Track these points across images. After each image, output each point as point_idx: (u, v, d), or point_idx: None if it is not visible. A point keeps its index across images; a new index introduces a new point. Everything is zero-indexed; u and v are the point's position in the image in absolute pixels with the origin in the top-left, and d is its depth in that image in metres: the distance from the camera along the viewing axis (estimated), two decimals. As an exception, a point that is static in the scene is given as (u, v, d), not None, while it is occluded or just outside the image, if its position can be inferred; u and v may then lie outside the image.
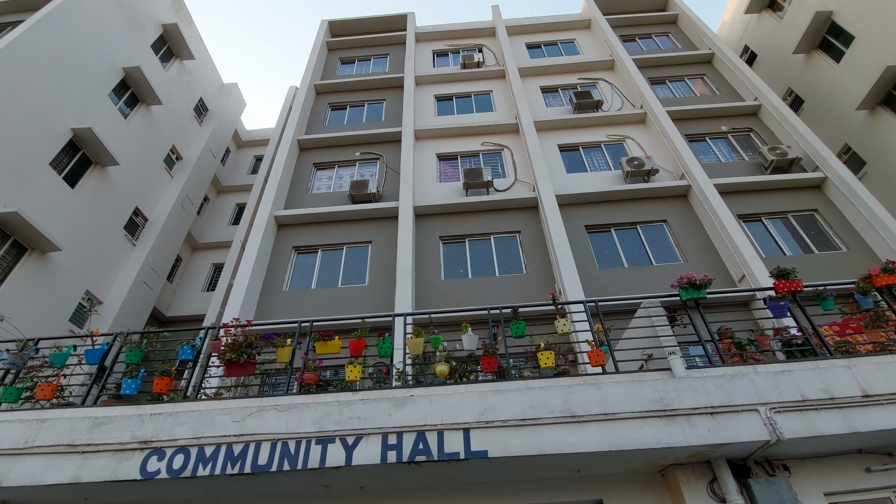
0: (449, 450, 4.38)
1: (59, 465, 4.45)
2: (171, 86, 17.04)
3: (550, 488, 4.93)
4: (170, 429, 4.56)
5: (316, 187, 12.66)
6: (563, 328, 5.67)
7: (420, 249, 10.63)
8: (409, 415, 4.59)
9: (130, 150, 14.62)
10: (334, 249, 11.05)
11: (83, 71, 13.32)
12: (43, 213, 11.38)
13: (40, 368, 6.20)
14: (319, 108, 15.02)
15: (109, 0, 14.72)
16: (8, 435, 4.68)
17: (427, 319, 6.60)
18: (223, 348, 5.60)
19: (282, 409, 4.68)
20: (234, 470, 4.36)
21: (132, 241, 14.47)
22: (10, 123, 11.03)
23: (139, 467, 4.37)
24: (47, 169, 11.86)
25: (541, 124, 12.94)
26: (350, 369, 5.37)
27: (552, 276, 9.89)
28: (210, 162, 18.59)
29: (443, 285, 10.04)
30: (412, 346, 5.64)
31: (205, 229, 18.20)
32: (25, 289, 10.89)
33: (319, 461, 4.36)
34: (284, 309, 9.83)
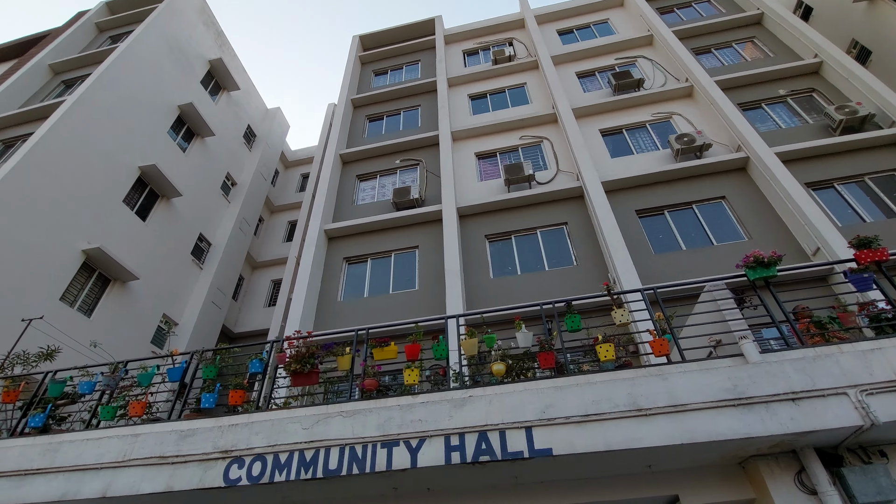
0: (512, 449, 4.35)
1: (154, 476, 4.84)
2: (221, 117, 18.15)
3: (621, 485, 4.77)
4: (247, 438, 4.84)
5: (361, 198, 13.01)
6: (620, 319, 5.48)
7: (467, 250, 10.65)
8: (470, 415, 4.61)
9: (191, 180, 15.70)
10: (383, 257, 11.29)
11: (144, 112, 14.47)
12: (121, 246, 12.47)
13: (130, 388, 6.79)
14: (358, 122, 15.44)
15: (161, 45, 15.90)
16: (109, 450, 5.16)
17: (479, 319, 6.60)
18: (288, 360, 5.88)
19: (346, 415, 4.84)
20: (307, 475, 4.56)
21: (199, 265, 15.52)
22: (87, 168, 12.18)
23: (222, 475, 4.67)
24: (121, 206, 12.98)
25: (580, 111, 12.60)
26: (408, 373, 5.46)
27: (605, 266, 9.59)
28: (261, 184, 19.60)
29: (492, 284, 10.00)
30: (467, 347, 5.65)
31: (262, 248, 19.19)
32: (112, 316, 11.97)
33: (386, 464, 4.48)
34: (340, 318, 10.17)
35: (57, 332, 9.97)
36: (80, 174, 11.97)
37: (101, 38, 17.18)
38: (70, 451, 5.24)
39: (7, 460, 5.36)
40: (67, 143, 11.82)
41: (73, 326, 10.71)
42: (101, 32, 17.52)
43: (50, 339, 9.54)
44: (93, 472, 5.03)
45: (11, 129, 13.06)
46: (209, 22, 19.03)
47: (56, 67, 15.26)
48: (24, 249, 10.29)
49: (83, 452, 5.19)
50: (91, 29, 17.27)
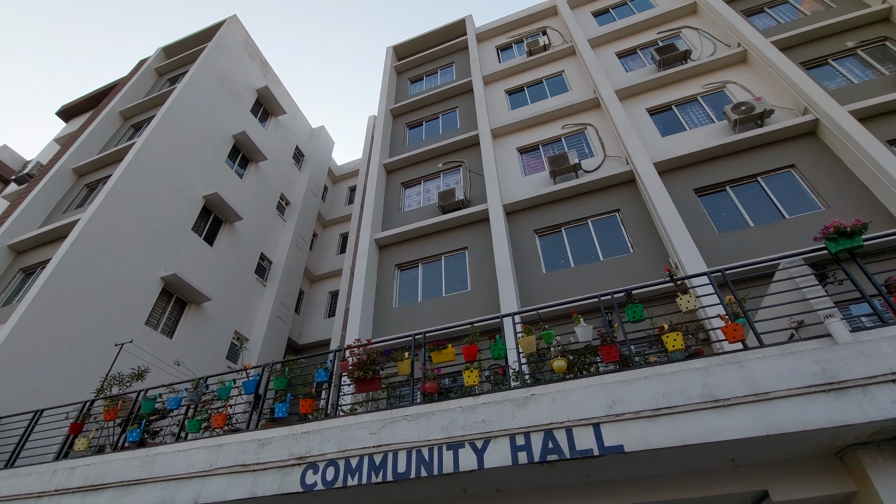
0: (581, 447, 4.23)
1: (238, 483, 5.15)
2: (271, 141, 19.14)
3: (703, 481, 4.50)
4: (319, 444, 5.04)
5: (407, 205, 13.21)
6: (687, 305, 5.18)
7: (516, 246, 10.52)
8: (534, 414, 4.53)
9: (249, 204, 16.67)
10: (433, 261, 11.40)
11: (203, 145, 15.54)
12: (193, 271, 13.44)
13: (211, 401, 7.29)
14: (398, 131, 15.72)
15: (213, 80, 17.03)
16: (198, 460, 5.56)
17: (536, 316, 6.49)
18: (351, 368, 6.07)
19: (411, 418, 4.91)
20: (377, 478, 4.67)
21: (263, 283, 16.41)
22: (158, 201, 13.26)
23: (299, 480, 4.89)
24: (190, 233, 14.00)
25: (623, 92, 12.10)
26: (467, 375, 5.47)
27: (664, 252, 9.13)
28: (313, 201, 20.44)
29: (545, 279, 9.81)
30: (524, 345, 5.57)
31: (318, 262, 19.99)
32: (190, 336, 12.93)
33: (453, 466, 4.50)
34: (396, 324, 10.37)
35: (145, 354, 10.90)
36: (154, 208, 13.04)
37: (161, 82, 18.67)
38: (164, 462, 5.69)
39: (112, 472, 5.91)
40: (140, 181, 12.92)
41: (158, 347, 11.66)
42: (161, 76, 19.03)
43: (139, 360, 10.46)
44: (185, 480, 5.43)
45: (93, 174, 14.46)
46: (253, 53, 20.15)
47: (125, 113, 16.73)
48: (113, 280, 11.35)
49: (175, 463, 5.62)
50: (151, 74, 18.81)
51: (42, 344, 9.58)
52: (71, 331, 10.13)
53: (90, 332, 10.46)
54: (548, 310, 7.35)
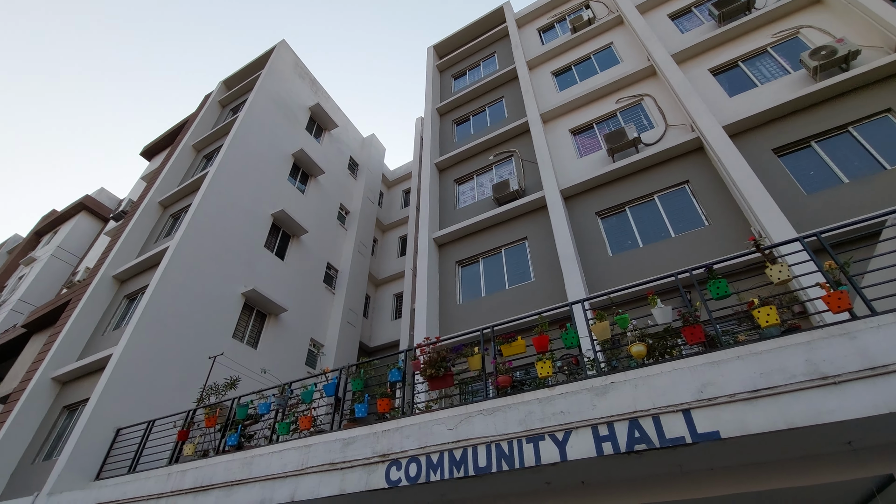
0: (671, 435, 3.98)
1: (328, 481, 5.40)
2: (327, 155, 19.94)
3: (816, 466, 4.08)
4: (399, 442, 5.15)
5: (462, 201, 13.20)
6: (778, 276, 4.71)
7: (578, 231, 10.16)
8: (615, 403, 4.33)
9: (312, 217, 17.48)
10: (493, 254, 11.29)
11: (267, 166, 16.50)
12: (269, 285, 14.32)
13: (297, 405, 7.72)
14: (446, 128, 15.75)
15: (270, 105, 18.03)
16: (290, 460, 5.89)
17: (607, 300, 6.20)
18: (422, 366, 6.15)
19: (487, 413, 4.88)
20: (459, 473, 4.69)
21: (331, 291, 17.14)
22: (233, 223, 14.26)
23: (384, 477, 5.03)
24: (263, 250, 14.92)
25: (680, 55, 11.28)
26: (540, 366, 5.35)
27: (744, 221, 8.40)
28: (370, 208, 21.04)
29: (613, 262, 9.37)
30: (598, 331, 5.35)
31: (380, 266, 20.55)
32: (272, 345, 13.78)
33: (534, 459, 4.41)
34: (463, 321, 10.38)
35: (234, 364, 11.78)
36: (229, 229, 14.05)
37: (224, 113, 20.07)
38: (261, 464, 6.10)
39: (217, 474, 6.43)
40: (215, 207, 13.97)
41: (245, 357, 12.55)
42: (224, 107, 20.46)
43: (230, 370, 11.31)
44: (280, 480, 5.79)
45: (176, 205, 15.83)
46: (303, 73, 21.09)
47: (197, 146, 18.17)
48: (201, 299, 12.36)
49: (271, 464, 6.01)
50: (216, 107, 20.27)
51: (147, 361, 10.63)
52: (170, 347, 11.16)
53: (186, 347, 11.45)
54: (620, 293, 7.02)
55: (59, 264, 21.71)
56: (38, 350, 13.17)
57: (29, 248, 25.00)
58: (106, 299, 13.20)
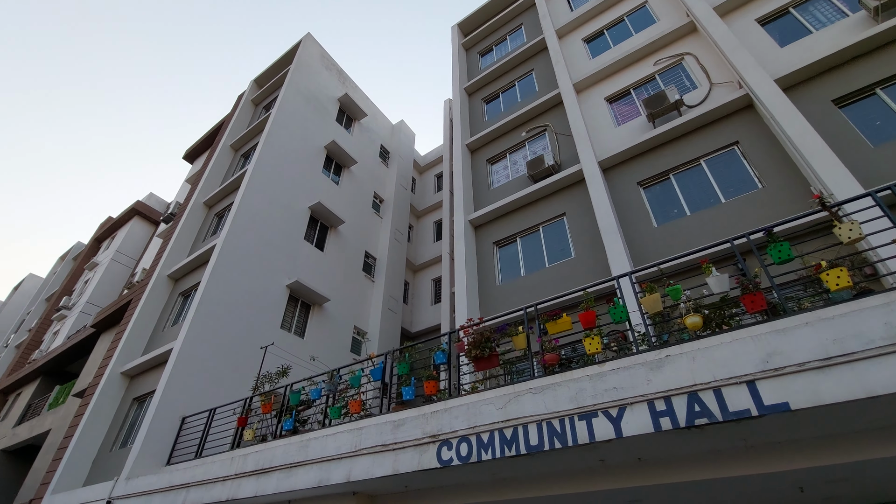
0: (735, 408, 3.77)
1: (381, 462, 5.51)
2: (358, 145, 20.08)
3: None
4: (449, 422, 5.17)
5: (496, 181, 12.98)
6: (849, 235, 4.33)
7: (619, 203, 9.77)
8: (672, 377, 4.15)
9: (348, 207, 17.73)
10: (531, 233, 11.07)
11: (301, 160, 16.81)
12: (311, 276, 14.69)
13: (346, 390, 7.91)
14: (475, 108, 15.46)
15: (300, 100, 18.27)
16: (344, 442, 6.04)
17: (657, 272, 5.93)
18: (467, 347, 6.13)
19: (536, 391, 4.80)
20: (511, 452, 4.66)
21: (371, 279, 17.42)
22: (273, 218, 14.65)
23: (436, 457, 5.07)
24: (303, 242, 15.29)
25: (723, 7, 10.48)
26: (589, 342, 5.20)
27: (802, 179, 7.81)
28: (404, 195, 21.11)
29: (658, 233, 8.97)
30: (649, 304, 5.13)
31: (417, 252, 20.67)
32: (317, 334, 14.20)
33: (588, 436, 4.31)
34: (503, 302, 10.28)
35: (284, 353, 12.21)
36: (270, 224, 14.46)
37: (258, 111, 20.53)
38: (316, 446, 6.31)
39: (277, 457, 6.70)
40: (255, 204, 14.39)
41: (294, 346, 12.99)
42: (257, 106, 20.92)
43: (281, 359, 11.75)
44: (336, 461, 5.96)
45: (219, 204, 16.43)
46: (330, 65, 21.20)
47: (234, 146, 18.72)
48: (249, 293, 12.85)
49: (326, 446, 6.19)
50: (249, 106, 20.75)
51: (205, 353, 11.19)
52: (224, 340, 11.69)
53: (238, 339, 11.97)
54: (669, 264, 6.70)
55: (119, 267, 23.16)
56: (107, 347, 14.13)
57: (91, 253, 26.79)
58: (163, 297, 13.95)
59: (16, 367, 22.10)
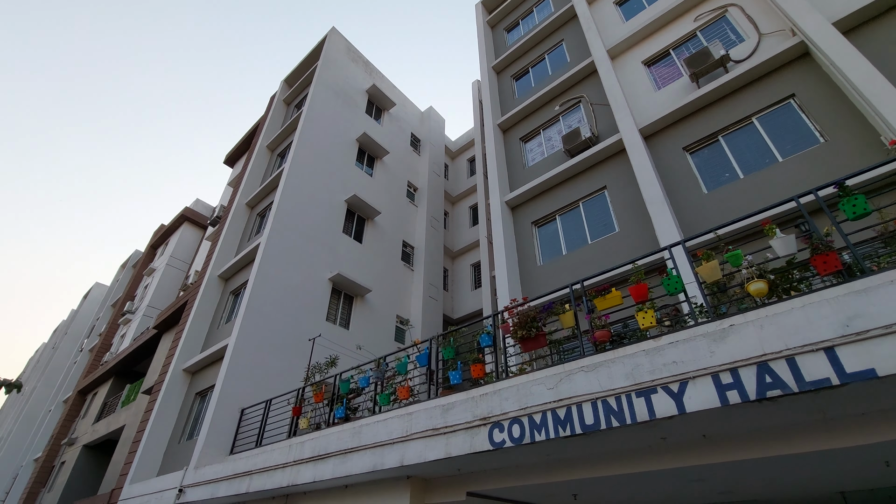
0: (812, 377, 3.46)
1: (433, 445, 5.51)
2: (388, 135, 20.11)
3: None
4: (499, 404, 5.08)
5: (530, 159, 12.63)
6: (938, 180, 3.86)
7: (664, 171, 9.26)
8: (737, 347, 3.86)
9: (383, 198, 17.84)
10: (570, 210, 10.71)
11: (335, 155, 17.01)
12: (352, 268, 14.93)
13: (393, 377, 7.98)
14: (505, 86, 15.06)
15: (329, 95, 18.43)
16: (395, 428, 6.11)
17: (714, 238, 5.54)
18: (512, 328, 6.00)
19: (588, 369, 4.62)
20: (566, 432, 4.51)
21: (410, 268, 17.52)
22: (312, 213, 14.95)
23: (488, 439, 5.00)
24: (342, 235, 15.53)
25: (769, -50, 9.63)
26: (642, 316, 4.95)
27: (870, 129, 7.10)
28: (437, 182, 21.02)
29: (709, 200, 8.44)
30: (706, 272, 4.81)
31: (454, 238, 20.59)
32: (362, 325, 14.45)
33: (647, 413, 4.09)
34: (545, 282, 10.04)
35: (331, 344, 12.50)
36: (309, 220, 14.76)
37: (290, 110, 20.92)
38: (368, 432, 6.40)
39: (332, 444, 6.86)
40: (294, 201, 14.71)
41: (340, 338, 13.29)
42: (289, 105, 21.32)
43: (328, 350, 12.03)
44: (388, 446, 6.02)
45: (260, 204, 16.95)
46: (356, 57, 21.25)
47: (270, 146, 19.19)
48: (294, 288, 13.21)
49: (378, 432, 6.27)
50: (281, 106, 21.18)
51: (257, 347, 11.63)
52: (274, 334, 12.10)
53: (287, 332, 12.36)
54: (727, 229, 6.27)
55: (174, 271, 24.45)
56: (169, 346, 14.97)
57: (148, 260, 28.43)
58: (215, 297, 14.58)
59: (91, 369, 23.90)
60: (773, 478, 5.67)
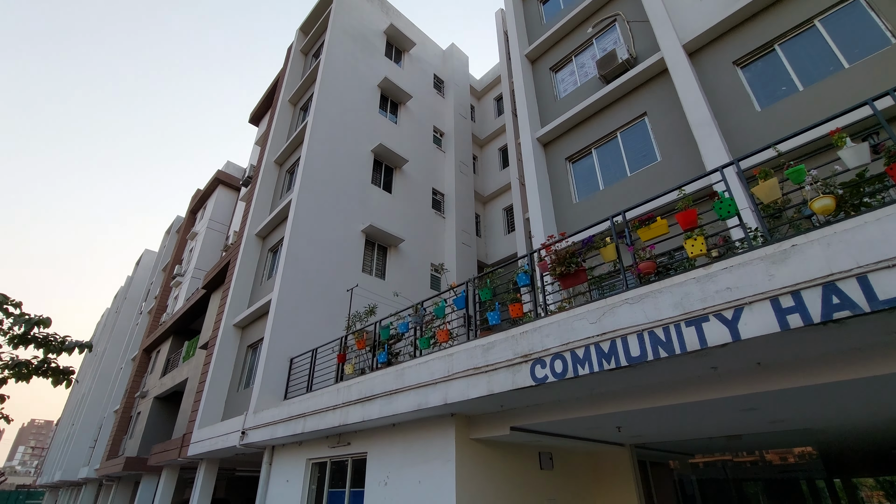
0: (887, 295, 3.15)
1: (475, 383, 5.57)
2: (410, 78, 19.33)
3: None
4: (540, 341, 5.01)
5: (562, 90, 11.85)
6: None
7: (712, 91, 8.47)
8: (800, 268, 3.55)
9: (409, 146, 17.45)
10: (607, 141, 10.10)
11: (357, 103, 16.57)
12: (383, 219, 14.93)
13: (432, 321, 8.06)
14: (531, 11, 13.95)
15: (347, 40, 17.70)
16: (437, 369, 6.21)
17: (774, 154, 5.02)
18: (551, 265, 5.82)
19: (632, 301, 4.43)
20: (610, 365, 4.41)
21: (441, 216, 17.36)
22: (340, 166, 14.82)
23: (530, 375, 4.99)
24: (371, 187, 15.43)
25: None
26: (691, 244, 4.65)
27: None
28: (464, 124, 20.31)
29: (761, 118, 7.70)
30: (764, 192, 4.41)
31: (484, 183, 20.13)
32: (397, 275, 14.63)
33: (698, 342, 3.91)
34: (582, 219, 9.68)
35: (369, 294, 12.76)
36: (338, 173, 14.68)
37: (308, 60, 20.33)
38: (411, 374, 6.55)
39: (377, 386, 7.10)
40: (321, 154, 14.59)
41: (377, 287, 13.53)
42: (307, 55, 20.70)
43: (366, 300, 12.30)
44: (431, 386, 6.15)
45: (288, 160, 16.95)
46: (369, -2, 20.16)
47: (292, 100, 18.88)
48: (328, 241, 13.39)
49: (420, 374, 6.41)
50: (299, 57, 20.59)
51: (299, 300, 12.01)
52: (313, 287, 12.43)
53: (325, 285, 12.67)
54: (787, 144, 5.72)
55: (214, 234, 25.31)
56: (218, 305, 15.73)
57: (189, 225, 29.51)
58: (255, 255, 15.03)
59: (151, 329, 25.70)
60: (833, 405, 5.46)
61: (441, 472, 6.42)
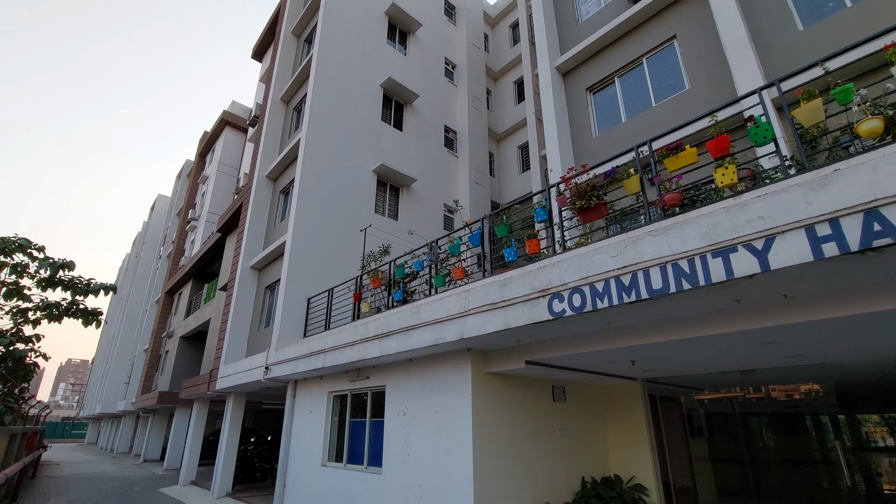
0: (935, 221, 2.95)
1: (492, 318, 5.60)
2: (419, 3, 18.04)
3: None
4: (558, 276, 4.94)
5: (584, 12, 10.96)
6: None
7: (749, 8, 7.72)
8: (840, 195, 3.33)
9: (420, 79, 16.65)
10: (632, 69, 9.46)
11: (364, 34, 15.64)
12: (395, 157, 14.58)
13: (447, 259, 8.03)
14: (549, -76, 12.64)
15: (347, -36, 16.40)
16: (453, 305, 6.24)
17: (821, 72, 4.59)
18: (570, 199, 5.63)
19: (656, 233, 4.28)
20: (630, 298, 4.35)
21: (454, 154, 16.90)
22: (348, 102, 14.27)
23: (547, 309, 4.97)
24: (382, 124, 14.94)
25: None
26: (721, 172, 4.40)
27: None
28: (477, 55, 19.21)
29: (803, 38, 7.05)
30: (806, 114, 4.08)
31: (498, 120, 19.36)
32: (410, 216, 14.52)
33: (724, 273, 3.79)
34: (602, 155, 9.29)
35: (382, 234, 12.75)
36: (346, 109, 14.17)
37: (308, -11, 19.02)
38: (427, 311, 6.62)
39: (393, 323, 7.23)
40: (328, 90, 14.01)
41: (390, 228, 13.49)
42: (307, -17, 19.34)
43: (380, 240, 12.30)
44: (447, 322, 6.22)
45: (295, 97, 16.36)
46: (372, -86, 18.41)
47: (295, 32, 17.89)
48: (340, 182, 13.20)
49: (436, 310, 6.46)
50: (299, -15, 19.25)
51: (313, 241, 12.07)
52: (327, 227, 12.43)
53: (339, 226, 12.65)
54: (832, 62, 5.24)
55: (225, 177, 25.18)
56: (234, 247, 15.94)
57: (199, 169, 29.35)
58: (267, 197, 14.96)
59: (171, 272, 26.40)
60: (855, 340, 5.40)
61: (458, 403, 6.65)
